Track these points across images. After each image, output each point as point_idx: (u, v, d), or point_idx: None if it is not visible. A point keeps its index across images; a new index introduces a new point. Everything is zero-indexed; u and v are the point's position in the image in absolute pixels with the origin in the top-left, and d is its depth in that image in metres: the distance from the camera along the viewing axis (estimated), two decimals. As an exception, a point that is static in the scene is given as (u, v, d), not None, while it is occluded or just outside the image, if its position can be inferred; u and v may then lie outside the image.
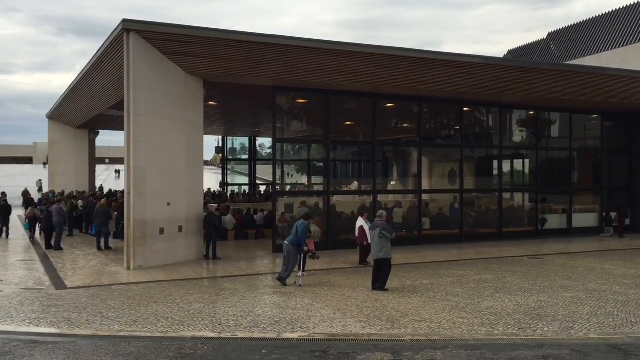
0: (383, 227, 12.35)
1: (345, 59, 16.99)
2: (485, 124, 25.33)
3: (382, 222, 12.59)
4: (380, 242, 12.29)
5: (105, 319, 9.74)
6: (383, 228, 12.32)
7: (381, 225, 12.40)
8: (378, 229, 12.34)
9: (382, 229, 12.29)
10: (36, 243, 21.00)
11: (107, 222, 18.97)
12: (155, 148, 15.46)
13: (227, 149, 38.85)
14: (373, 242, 12.57)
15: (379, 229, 12.33)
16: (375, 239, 12.42)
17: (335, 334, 8.82)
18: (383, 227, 12.35)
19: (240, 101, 22.67)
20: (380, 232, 12.26)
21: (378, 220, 12.71)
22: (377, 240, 12.34)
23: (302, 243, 12.99)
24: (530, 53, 36.78)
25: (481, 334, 8.89)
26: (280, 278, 12.97)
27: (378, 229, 12.35)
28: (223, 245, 18.94)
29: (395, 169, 28.00)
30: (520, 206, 24.84)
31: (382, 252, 12.29)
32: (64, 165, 33.84)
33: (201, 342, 8.25)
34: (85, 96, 24.01)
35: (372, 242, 12.62)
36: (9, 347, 7.95)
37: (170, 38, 15.14)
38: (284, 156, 27.69)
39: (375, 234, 12.40)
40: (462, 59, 18.46)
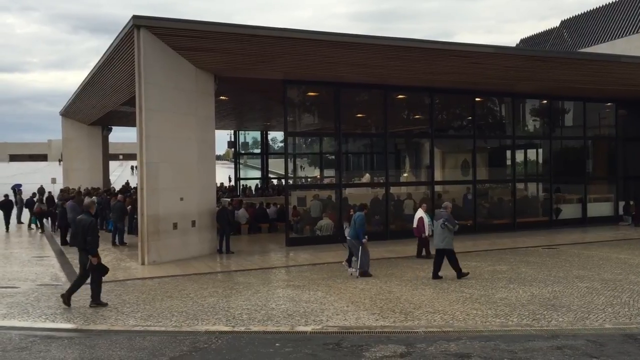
0: (446, 218, 12.60)
1: (355, 51, 16.92)
2: (498, 114, 25.14)
3: (446, 213, 12.83)
4: (443, 233, 12.55)
5: (120, 313, 9.82)
6: (446, 219, 12.55)
7: (445, 216, 12.63)
8: (441, 220, 12.57)
9: (445, 220, 12.53)
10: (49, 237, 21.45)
11: (123, 218, 19.13)
12: (168, 143, 15.53)
13: (239, 143, 38.90)
14: (435, 232, 12.82)
15: (442, 219, 12.56)
16: (437, 229, 12.66)
17: (349, 327, 8.83)
18: (446, 218, 12.60)
19: (251, 95, 22.68)
20: (443, 222, 12.50)
21: (442, 212, 12.92)
22: (439, 230, 12.61)
23: (361, 235, 13.05)
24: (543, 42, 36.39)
25: (495, 325, 8.86)
26: (363, 273, 13.05)
27: (441, 219, 12.58)
28: (236, 239, 19.03)
29: (407, 161, 27.90)
30: (534, 196, 24.67)
31: (443, 243, 12.58)
32: (78, 162, 34.12)
33: (215, 336, 8.30)
34: (97, 93, 24.15)
35: (435, 232, 12.85)
36: (25, 342, 8.05)
37: (180, 33, 15.16)
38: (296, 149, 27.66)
39: (438, 224, 12.63)
40: (473, 49, 18.32)
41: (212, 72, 17.00)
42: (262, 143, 38.04)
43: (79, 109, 30.35)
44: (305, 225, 19.91)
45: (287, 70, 17.55)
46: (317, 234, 19.23)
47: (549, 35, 36.29)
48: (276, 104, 23.03)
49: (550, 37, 35.97)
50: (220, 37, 15.46)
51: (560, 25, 35.57)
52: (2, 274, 13.99)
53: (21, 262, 15.90)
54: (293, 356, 7.34)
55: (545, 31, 37.33)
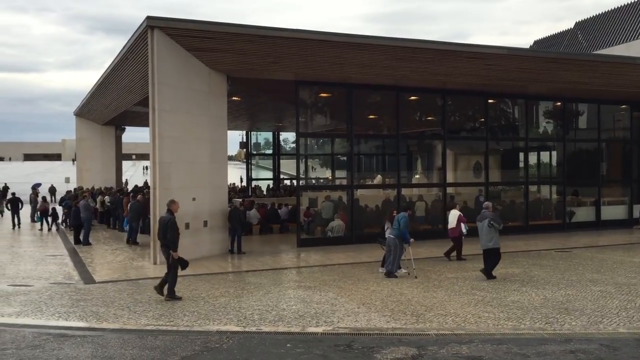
0: (492, 217, 12.66)
1: (367, 52, 16.91)
2: (511, 115, 25.01)
3: (490, 212, 12.89)
4: (490, 232, 12.57)
5: (133, 312, 9.88)
6: (492, 218, 12.60)
7: (489, 216, 12.68)
8: (487, 220, 12.60)
9: (491, 220, 12.57)
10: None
11: (139, 218, 19.24)
12: (180, 144, 15.59)
13: (251, 144, 39.02)
14: (481, 232, 12.78)
15: (488, 219, 12.59)
16: (483, 229, 12.66)
17: (360, 328, 8.81)
18: (492, 217, 12.66)
19: (264, 96, 22.73)
20: (490, 222, 12.52)
21: (486, 212, 12.94)
22: (486, 230, 12.61)
23: (406, 235, 13.07)
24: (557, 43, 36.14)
25: (507, 328, 8.80)
26: (388, 273, 13.11)
27: (487, 219, 12.60)
28: (248, 239, 19.07)
29: (419, 162, 27.81)
30: (547, 199, 24.49)
31: (491, 242, 12.62)
32: (91, 162, 34.36)
33: (226, 336, 8.32)
34: (111, 93, 24.31)
35: (480, 232, 12.82)
36: (39, 340, 8.12)
37: (193, 34, 15.23)
38: (308, 150, 27.68)
39: (484, 224, 12.64)
40: (486, 50, 18.24)
41: (224, 73, 17.06)
42: (274, 144, 38.13)
43: (92, 108, 30.58)
44: (317, 226, 19.92)
45: (299, 71, 17.58)
46: (328, 235, 19.22)
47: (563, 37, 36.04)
48: (288, 105, 23.06)
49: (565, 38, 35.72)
50: (233, 37, 15.52)
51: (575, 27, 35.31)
52: (16, 272, 14.13)
53: (35, 261, 16.04)
54: (304, 357, 7.34)
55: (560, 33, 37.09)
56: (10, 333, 8.52)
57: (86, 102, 29.61)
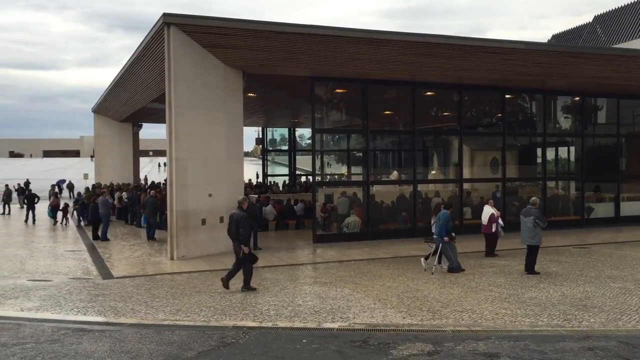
0: (537, 215, 12.67)
1: (383, 47, 16.83)
2: (529, 110, 24.77)
3: (535, 209, 12.86)
4: (534, 230, 12.61)
5: (150, 308, 9.96)
6: (537, 217, 12.62)
7: (535, 214, 12.68)
8: (532, 217, 12.61)
9: (536, 218, 12.59)
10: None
11: (155, 213, 19.38)
12: (197, 140, 15.67)
13: (267, 140, 39.11)
14: (524, 228, 12.80)
15: (533, 217, 12.60)
16: (528, 225, 12.67)
17: (376, 324, 8.81)
18: (537, 215, 12.67)
19: (279, 92, 22.75)
20: (534, 220, 12.54)
21: (532, 208, 12.92)
22: (529, 227, 12.62)
23: (444, 232, 13.09)
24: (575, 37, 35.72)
25: (525, 325, 8.74)
26: (451, 269, 13.11)
27: (532, 216, 12.62)
28: (264, 235, 19.12)
29: (435, 158, 27.66)
30: (566, 195, 24.22)
31: (533, 240, 12.65)
32: (109, 158, 34.69)
33: (243, 331, 8.36)
34: (128, 90, 24.50)
35: (523, 227, 12.83)
36: (57, 334, 8.22)
37: (209, 31, 15.28)
38: (324, 146, 27.66)
39: (529, 220, 12.65)
40: (503, 45, 18.06)
41: (240, 69, 17.10)
42: (289, 140, 38.15)
43: (110, 105, 30.84)
44: (333, 222, 19.91)
45: (315, 67, 17.56)
46: (344, 231, 19.21)
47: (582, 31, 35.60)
48: (304, 101, 23.07)
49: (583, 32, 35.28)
50: (249, 34, 15.53)
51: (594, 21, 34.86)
52: (36, 267, 14.32)
53: (54, 256, 16.24)
54: (320, 353, 7.35)
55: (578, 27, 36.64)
56: (30, 327, 8.64)
57: (104, 99, 29.88)
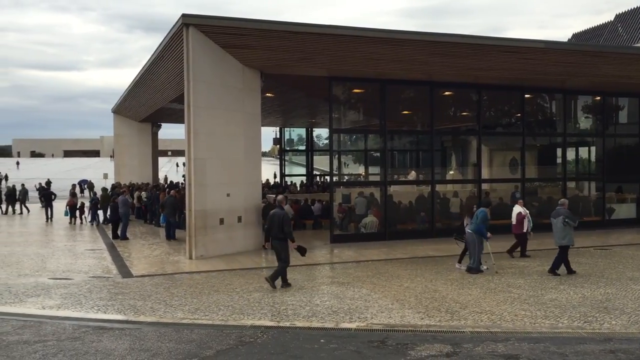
0: (567, 214, 12.65)
1: (400, 47, 16.78)
2: (548, 110, 24.52)
3: (564, 209, 12.85)
4: (564, 230, 12.60)
5: (169, 306, 10.04)
6: (567, 216, 12.60)
7: (564, 213, 12.67)
8: (561, 217, 12.60)
9: (566, 217, 12.58)
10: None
11: (175, 213, 19.51)
12: (215, 140, 15.76)
13: (285, 140, 39.18)
14: (555, 229, 12.79)
15: (563, 216, 12.59)
16: (558, 225, 12.66)
17: (394, 325, 8.78)
18: (567, 214, 12.65)
19: (297, 92, 22.78)
20: (564, 219, 12.53)
21: (561, 208, 12.91)
22: (560, 227, 12.61)
23: (483, 231, 13.02)
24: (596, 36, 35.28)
25: (544, 326, 8.65)
26: (470, 268, 13.11)
27: (561, 216, 12.60)
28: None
29: (453, 158, 27.49)
30: (586, 195, 23.93)
31: (565, 239, 12.64)
32: (128, 158, 35.00)
33: (261, 331, 8.39)
34: (147, 90, 24.71)
35: (555, 228, 12.81)
36: (78, 332, 8.32)
37: (227, 31, 15.35)
38: (341, 146, 27.64)
39: (558, 221, 12.64)
40: (522, 44, 17.88)
41: (258, 69, 17.16)
42: (307, 140, 38.19)
43: (130, 106, 31.13)
44: (350, 223, 19.89)
45: (332, 67, 17.56)
46: (361, 231, 19.18)
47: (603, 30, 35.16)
48: (321, 101, 23.08)
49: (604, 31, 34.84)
50: (267, 34, 15.58)
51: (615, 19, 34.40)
52: (57, 265, 14.50)
53: (74, 255, 16.43)
54: (338, 353, 7.35)
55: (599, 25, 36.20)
56: (51, 325, 8.75)
57: (123, 99, 30.17)
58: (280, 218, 11.49)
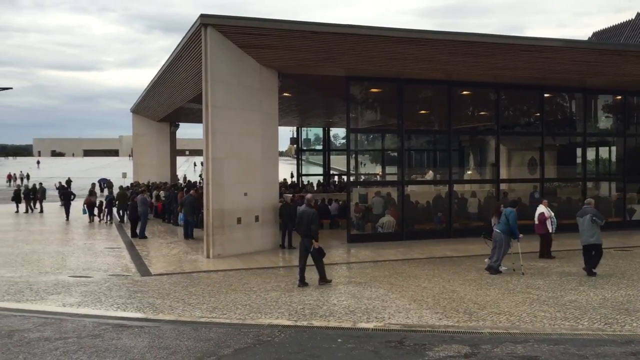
0: (594, 213, 12.65)
1: (418, 46, 16.71)
2: (568, 110, 24.25)
3: (591, 208, 12.83)
4: (592, 228, 12.58)
5: (187, 305, 10.11)
6: (594, 214, 12.61)
7: (592, 212, 12.67)
8: (589, 215, 12.59)
9: (594, 215, 12.57)
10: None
11: (194, 212, 19.63)
12: (233, 139, 15.83)
13: (302, 140, 39.23)
14: (582, 228, 12.77)
15: (590, 215, 12.59)
16: (585, 224, 12.66)
17: (411, 325, 8.75)
18: (594, 213, 12.65)
19: (314, 92, 22.80)
20: (592, 217, 12.52)
21: (587, 207, 12.90)
22: (587, 226, 12.61)
23: (515, 231, 12.98)
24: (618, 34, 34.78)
25: (564, 328, 8.56)
26: (490, 267, 13.09)
27: (589, 215, 12.60)
28: (298, 235, 19.15)
29: (471, 158, 27.32)
30: (607, 196, 23.63)
31: (593, 238, 12.61)
32: (147, 157, 35.32)
33: (278, 330, 8.41)
34: (166, 90, 24.90)
35: (582, 227, 12.79)
36: (98, 330, 8.41)
37: (245, 31, 15.41)
38: (358, 146, 27.60)
39: (585, 219, 12.64)
40: (541, 43, 17.72)
41: (276, 69, 17.20)
42: (324, 139, 38.20)
43: (148, 105, 31.40)
44: (367, 222, 19.86)
45: (350, 66, 17.54)
46: (378, 231, 19.14)
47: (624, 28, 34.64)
48: (338, 101, 23.07)
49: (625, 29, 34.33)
50: (284, 34, 15.62)
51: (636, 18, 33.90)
52: (77, 264, 14.67)
53: (94, 253, 16.61)
54: (355, 352, 7.34)
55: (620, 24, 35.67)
56: (72, 322, 8.86)
57: (142, 99, 30.43)
58: (309, 216, 11.72)
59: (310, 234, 11.67)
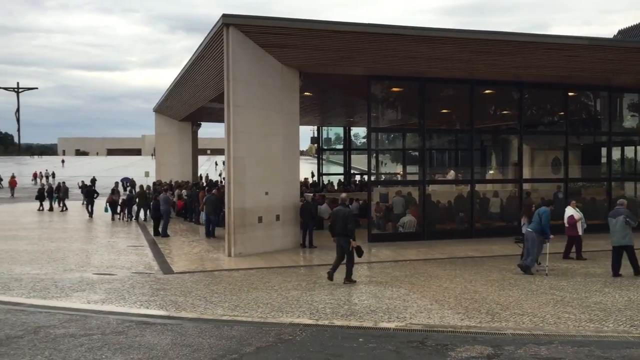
0: (627, 214, 12.51)
1: (440, 45, 16.62)
2: (593, 109, 23.90)
3: (624, 209, 12.69)
4: (624, 229, 12.43)
5: (209, 303, 10.18)
6: (627, 215, 12.47)
7: (624, 212, 12.53)
8: (622, 216, 12.46)
9: (627, 216, 12.43)
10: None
11: (215, 211, 19.77)
12: (254, 139, 15.89)
13: (322, 139, 39.23)
14: (614, 229, 12.60)
15: (623, 216, 12.45)
16: (618, 225, 12.49)
17: (433, 325, 8.71)
18: (627, 214, 12.51)
19: (335, 91, 22.79)
20: (625, 219, 12.38)
21: (620, 208, 12.77)
22: (620, 227, 12.45)
23: (547, 230, 12.87)
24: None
25: (589, 330, 8.44)
26: (522, 266, 12.98)
27: (622, 216, 12.47)
28: (319, 234, 19.16)
29: (493, 158, 27.08)
30: (632, 196, 23.23)
31: (625, 239, 12.46)
32: (169, 156, 35.63)
33: (299, 329, 8.42)
34: (188, 90, 25.09)
35: (613, 228, 12.63)
36: (122, 327, 8.51)
37: (267, 31, 15.46)
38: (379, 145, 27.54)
39: (618, 220, 12.48)
40: (565, 41, 17.52)
41: (297, 69, 17.22)
42: (344, 139, 38.16)
43: (171, 105, 31.67)
44: (388, 222, 19.79)
45: (371, 65, 17.50)
46: (399, 230, 19.07)
47: (651, 25, 34.03)
48: (359, 100, 23.03)
49: (652, 26, 33.72)
50: (306, 33, 15.64)
51: (664, 14, 33.25)
52: (101, 261, 14.86)
53: (118, 251, 16.81)
54: (377, 352, 7.33)
55: (647, 21, 35.00)
56: (96, 319, 8.98)
57: (165, 99, 30.71)
58: (344, 215, 11.77)
59: (346, 233, 11.71)
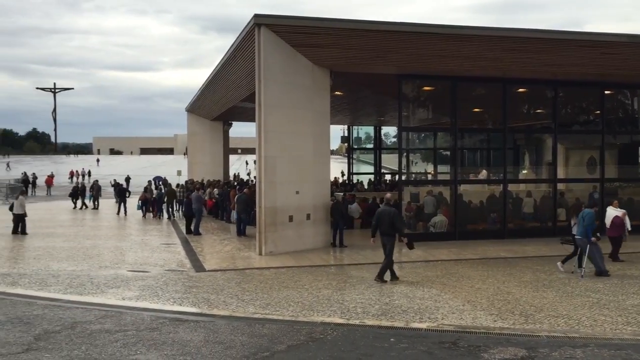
0: None
1: (471, 44, 16.43)
2: (630, 107, 23.33)
3: None
4: None
5: (241, 301, 10.26)
6: None
7: None
8: None
9: None
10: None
11: (247, 209, 19.91)
12: (285, 138, 15.96)
13: (353, 138, 39.18)
14: None
15: None
16: None
17: (465, 326, 8.62)
18: None
19: (366, 90, 22.73)
20: None
21: None
22: None
23: (590, 233, 12.63)
24: (683, 28, 33.23)
25: (626, 333, 8.27)
26: (599, 273, 12.65)
27: None
28: (349, 233, 19.17)
29: (527, 157, 26.66)
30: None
31: None
32: (201, 156, 36.02)
33: (330, 328, 8.44)
34: (219, 89, 25.33)
35: None
36: (156, 323, 8.65)
37: (298, 30, 15.51)
38: (409, 145, 27.38)
39: None
40: (602, 38, 17.11)
41: (328, 68, 17.23)
42: (375, 138, 38.04)
43: (202, 105, 32.01)
44: (419, 222, 19.67)
45: (402, 64, 17.41)
46: (430, 230, 18.93)
47: (691, 21, 33.07)
48: (390, 99, 22.91)
49: (693, 22, 32.77)
50: (337, 33, 15.64)
51: None
52: (135, 259, 15.11)
53: (151, 249, 17.07)
54: (408, 352, 7.30)
55: (687, 16, 34.07)
56: (131, 315, 9.15)
57: (197, 98, 31.06)
58: (391, 215, 11.86)
59: (391, 233, 11.84)
